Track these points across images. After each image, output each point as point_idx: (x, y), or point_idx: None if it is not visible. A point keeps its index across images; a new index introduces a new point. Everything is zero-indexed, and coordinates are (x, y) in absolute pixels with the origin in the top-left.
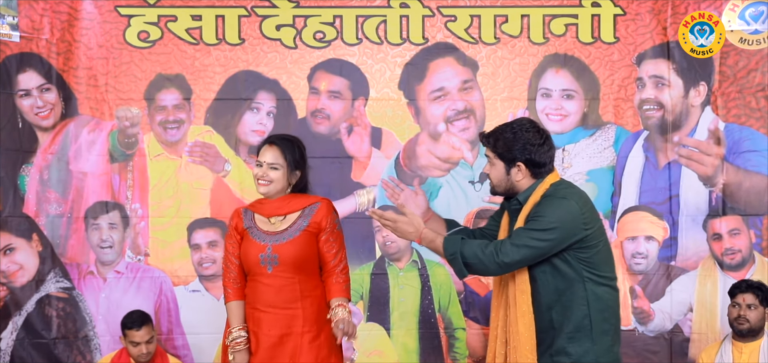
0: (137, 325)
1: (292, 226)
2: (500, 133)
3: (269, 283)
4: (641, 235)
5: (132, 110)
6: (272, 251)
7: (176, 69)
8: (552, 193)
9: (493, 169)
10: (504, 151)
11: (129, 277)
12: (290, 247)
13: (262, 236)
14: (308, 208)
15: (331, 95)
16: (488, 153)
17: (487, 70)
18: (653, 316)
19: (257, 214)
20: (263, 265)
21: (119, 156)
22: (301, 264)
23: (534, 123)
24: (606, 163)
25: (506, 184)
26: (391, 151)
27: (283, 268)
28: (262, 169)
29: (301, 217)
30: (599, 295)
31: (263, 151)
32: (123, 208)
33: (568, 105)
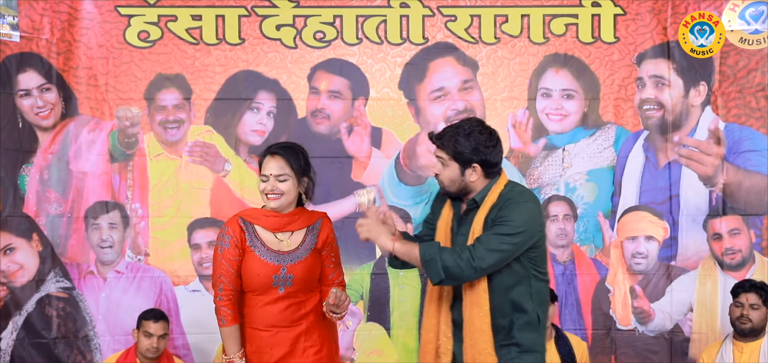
0: (155, 318)
1: (303, 245)
2: (453, 134)
3: (278, 302)
4: (641, 235)
5: (132, 110)
6: (287, 272)
7: (176, 69)
8: (512, 195)
9: (445, 171)
10: (459, 153)
11: (129, 276)
12: (304, 266)
13: (273, 256)
14: (313, 225)
15: (331, 95)
16: (440, 154)
17: (487, 69)
18: (653, 315)
19: (260, 227)
20: (275, 286)
21: (119, 156)
22: (311, 282)
23: (484, 123)
24: (606, 163)
25: (460, 184)
26: (391, 151)
27: (294, 287)
28: (269, 182)
29: (308, 234)
30: (540, 290)
31: (266, 163)
32: (123, 208)
33: (568, 105)
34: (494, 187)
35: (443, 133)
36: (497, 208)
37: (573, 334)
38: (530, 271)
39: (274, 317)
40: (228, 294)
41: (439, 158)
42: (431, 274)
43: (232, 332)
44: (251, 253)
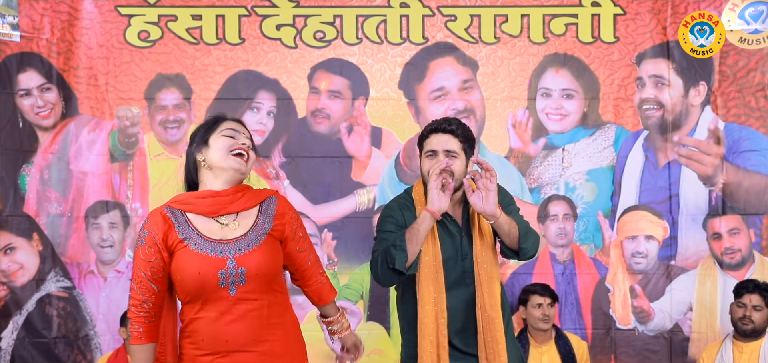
0: None
1: (255, 228)
2: (459, 123)
3: (231, 311)
4: (641, 235)
5: (132, 110)
6: (236, 265)
7: (176, 68)
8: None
9: (456, 162)
10: (469, 140)
11: (129, 276)
12: (259, 255)
13: (215, 247)
14: (265, 204)
15: (331, 95)
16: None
17: (487, 69)
18: (653, 315)
19: (193, 215)
20: (223, 287)
21: (119, 155)
22: (272, 280)
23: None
24: (606, 163)
25: (462, 176)
26: (391, 151)
27: (251, 287)
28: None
29: (260, 216)
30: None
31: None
32: (123, 208)
33: (568, 104)
34: None
35: (449, 120)
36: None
37: (573, 334)
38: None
39: (232, 332)
40: (136, 303)
41: (451, 151)
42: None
43: (139, 352)
44: (184, 249)
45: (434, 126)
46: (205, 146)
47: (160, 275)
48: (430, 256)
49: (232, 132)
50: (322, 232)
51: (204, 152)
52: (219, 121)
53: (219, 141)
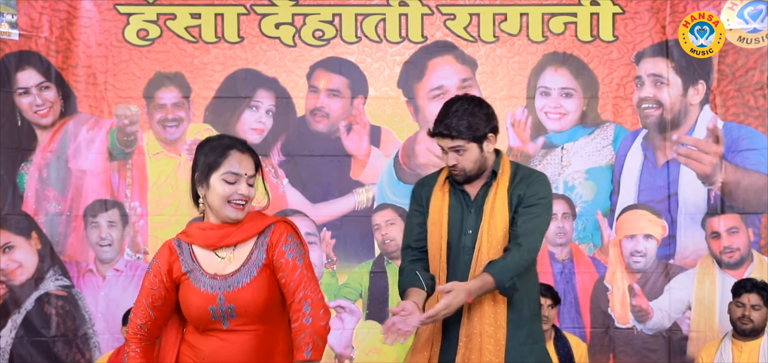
0: None
1: (248, 263)
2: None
3: (226, 339)
4: (640, 234)
5: (131, 108)
6: (226, 302)
7: (175, 67)
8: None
9: (465, 156)
10: (475, 130)
11: (128, 275)
12: (248, 293)
13: (209, 282)
14: (262, 235)
15: (330, 93)
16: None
17: (486, 68)
18: (652, 314)
19: (197, 247)
20: (216, 321)
21: (118, 154)
22: (265, 312)
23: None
24: (605, 162)
25: (480, 162)
26: (390, 150)
27: (242, 320)
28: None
29: (256, 248)
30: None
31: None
32: (122, 206)
33: (566, 103)
34: (504, 159)
35: (449, 123)
36: (524, 184)
37: (572, 334)
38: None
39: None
40: (134, 326)
41: (454, 149)
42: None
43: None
44: (186, 282)
45: (434, 131)
46: (207, 184)
47: (160, 304)
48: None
49: (234, 176)
50: (321, 230)
51: (204, 189)
52: (225, 156)
53: (218, 185)
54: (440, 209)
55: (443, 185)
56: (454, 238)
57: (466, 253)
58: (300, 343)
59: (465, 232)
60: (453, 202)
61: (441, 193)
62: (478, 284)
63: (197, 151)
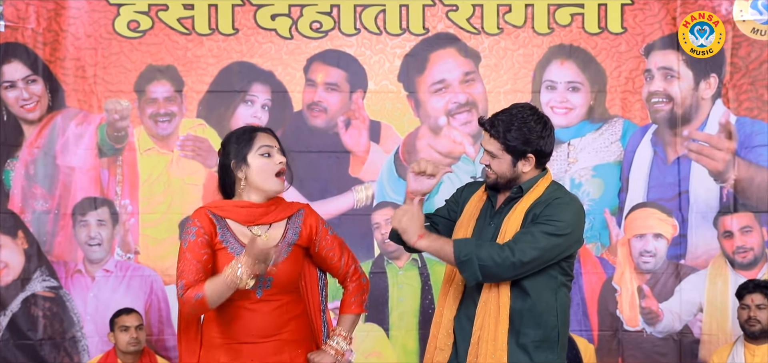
0: (127, 312)
1: (284, 239)
2: (507, 123)
3: (256, 309)
4: (649, 233)
5: (121, 103)
6: (266, 272)
7: (167, 60)
8: (560, 195)
9: (496, 162)
10: (512, 144)
11: (118, 275)
12: (286, 266)
13: None
14: (293, 217)
15: (328, 87)
16: (491, 145)
17: (490, 61)
18: (662, 316)
19: (232, 221)
20: (252, 289)
21: (108, 150)
22: (291, 283)
23: (537, 110)
24: (613, 158)
25: (511, 175)
26: (391, 146)
27: (275, 291)
28: (275, 156)
29: (289, 228)
30: (565, 304)
31: (264, 137)
32: (112, 204)
33: (573, 98)
34: (541, 181)
35: (494, 122)
36: (543, 205)
37: (580, 337)
38: (560, 280)
39: (255, 326)
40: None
41: (488, 151)
42: (467, 275)
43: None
44: (224, 251)
45: (480, 121)
46: (245, 164)
47: (210, 265)
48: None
49: (267, 149)
50: None
51: (244, 170)
52: (254, 136)
53: (257, 161)
54: (472, 214)
55: (483, 193)
56: None
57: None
58: (359, 300)
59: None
60: (482, 211)
61: (477, 199)
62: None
63: (224, 146)
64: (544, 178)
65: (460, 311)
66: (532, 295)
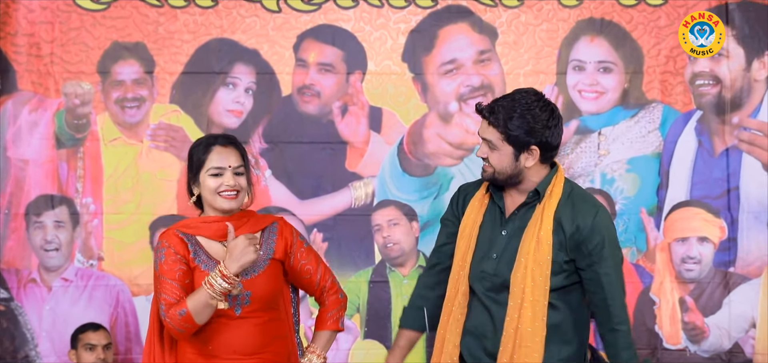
0: (93, 328)
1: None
2: (508, 110)
3: (237, 326)
4: (693, 236)
5: (83, 86)
6: (243, 288)
7: (136, 36)
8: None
9: (495, 154)
10: (514, 134)
11: (79, 285)
12: (263, 279)
13: None
14: (267, 229)
15: (322, 68)
16: (489, 134)
17: (508, 38)
18: (708, 332)
19: (202, 238)
20: (230, 307)
21: (67, 140)
22: (274, 300)
23: (543, 97)
24: (650, 150)
25: (512, 170)
26: (393, 136)
27: (254, 307)
28: (226, 175)
29: (264, 242)
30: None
31: (219, 153)
32: (72, 203)
33: (605, 80)
34: (556, 179)
35: (494, 108)
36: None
37: None
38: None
39: (236, 343)
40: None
41: (487, 141)
42: None
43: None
44: (198, 271)
45: (477, 106)
46: (198, 182)
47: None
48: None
49: (218, 170)
50: (310, 232)
51: (198, 187)
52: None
53: (207, 180)
54: (474, 222)
55: (484, 195)
56: (476, 261)
57: (484, 281)
58: (336, 316)
59: (489, 255)
60: (487, 217)
61: (479, 204)
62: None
63: (189, 154)
64: (557, 176)
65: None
66: (561, 309)
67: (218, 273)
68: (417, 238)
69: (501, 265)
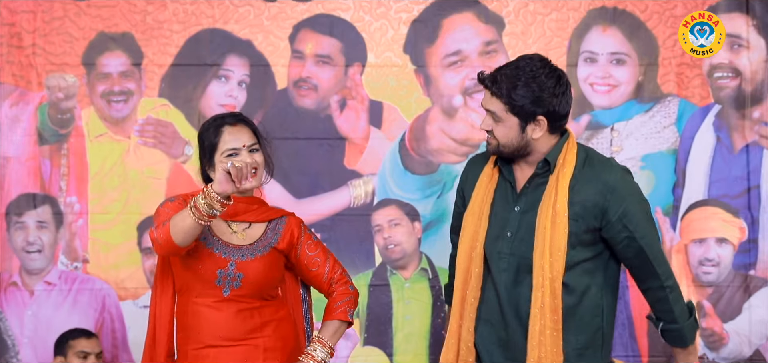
0: (86, 335)
1: (262, 240)
2: (512, 79)
3: (221, 309)
4: (711, 237)
5: (67, 78)
6: (236, 269)
7: (123, 26)
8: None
9: (501, 127)
10: (519, 104)
11: (63, 289)
12: (259, 266)
13: (223, 247)
14: (275, 221)
15: (319, 60)
16: (493, 105)
17: (516, 28)
18: (727, 339)
19: None
20: (219, 286)
21: (50, 136)
22: (264, 288)
23: (549, 62)
24: (666, 146)
25: (519, 142)
26: (395, 131)
27: (244, 291)
28: (242, 155)
29: (269, 231)
30: (612, 306)
31: (231, 133)
32: (55, 202)
33: (618, 72)
34: (567, 146)
35: (497, 77)
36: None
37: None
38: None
39: (221, 327)
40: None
41: (490, 112)
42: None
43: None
44: (201, 246)
45: (480, 77)
46: (212, 167)
47: None
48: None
49: (232, 151)
50: None
51: (212, 172)
52: (219, 133)
53: (221, 163)
54: (483, 199)
55: (492, 170)
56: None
57: (501, 261)
58: (345, 306)
59: (503, 235)
60: (498, 194)
61: (487, 180)
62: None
63: (198, 139)
64: (568, 142)
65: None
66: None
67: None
68: (419, 240)
69: (517, 243)
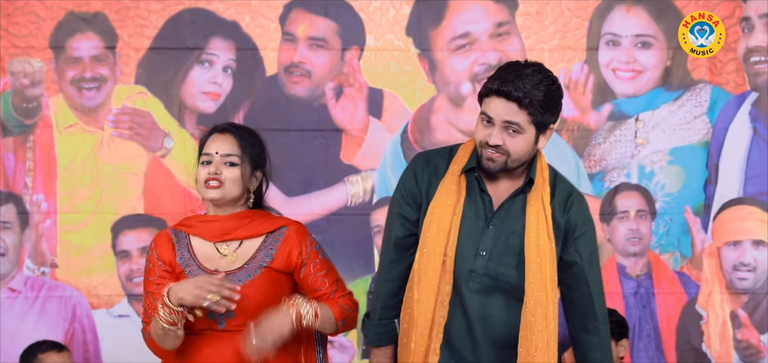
0: (57, 348)
1: (253, 260)
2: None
3: (220, 344)
4: (747, 240)
5: (33, 63)
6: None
7: (95, 6)
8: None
9: (519, 140)
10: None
11: (28, 296)
12: (254, 290)
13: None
14: (272, 235)
15: (313, 44)
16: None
17: (530, 7)
18: (764, 352)
19: (195, 238)
20: (213, 320)
21: (15, 127)
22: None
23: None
24: (697, 139)
25: (527, 157)
26: (396, 122)
27: (241, 320)
28: (212, 165)
29: (263, 248)
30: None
31: (214, 139)
32: (20, 201)
33: (643, 57)
34: (541, 162)
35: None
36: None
37: None
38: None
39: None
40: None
41: (510, 124)
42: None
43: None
44: (182, 276)
45: (496, 87)
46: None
47: None
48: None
49: (206, 156)
50: None
51: None
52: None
53: (198, 169)
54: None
55: (459, 179)
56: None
57: (472, 281)
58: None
59: (477, 252)
60: (468, 208)
61: (454, 189)
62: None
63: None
64: (540, 157)
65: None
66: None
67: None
68: None
69: (493, 263)
